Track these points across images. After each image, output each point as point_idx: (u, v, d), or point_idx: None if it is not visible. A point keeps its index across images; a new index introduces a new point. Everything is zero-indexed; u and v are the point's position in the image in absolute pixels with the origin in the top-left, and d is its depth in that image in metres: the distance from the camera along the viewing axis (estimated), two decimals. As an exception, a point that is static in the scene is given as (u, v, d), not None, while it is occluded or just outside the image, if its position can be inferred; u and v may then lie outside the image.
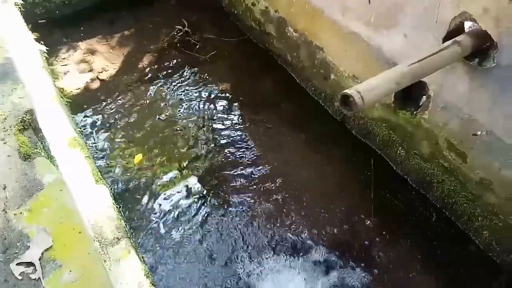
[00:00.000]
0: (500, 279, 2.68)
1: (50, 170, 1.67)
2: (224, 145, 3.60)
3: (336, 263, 2.79)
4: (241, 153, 3.54)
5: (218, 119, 3.81)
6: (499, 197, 2.60)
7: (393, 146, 3.27)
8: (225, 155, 3.53)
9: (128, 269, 2.06)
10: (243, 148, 3.59)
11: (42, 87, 2.95)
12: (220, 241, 2.93)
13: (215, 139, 3.65)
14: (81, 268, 1.28)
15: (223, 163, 3.45)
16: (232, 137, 3.67)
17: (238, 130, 3.72)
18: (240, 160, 3.48)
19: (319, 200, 3.16)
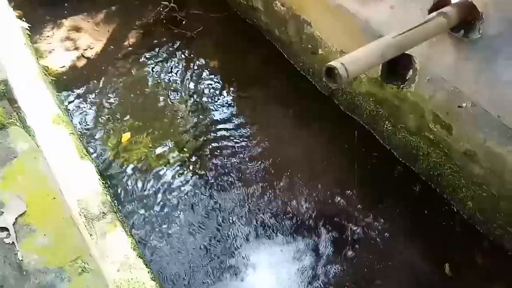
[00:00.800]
0: (483, 248, 2.74)
1: (24, 139, 1.65)
2: (212, 121, 3.58)
3: (322, 234, 2.83)
4: (230, 130, 3.54)
5: (206, 96, 3.79)
6: (483, 168, 2.64)
7: (380, 120, 3.27)
8: (213, 131, 3.52)
9: (114, 243, 2.07)
10: (231, 124, 3.58)
11: (25, 64, 2.90)
12: (208, 215, 2.95)
13: (203, 116, 3.63)
14: (55, 232, 1.29)
15: (211, 139, 3.44)
16: (220, 114, 3.66)
17: (226, 107, 3.71)
18: (228, 136, 3.47)
19: (307, 174, 3.18)
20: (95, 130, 3.48)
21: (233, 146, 3.39)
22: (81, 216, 2.10)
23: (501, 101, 2.38)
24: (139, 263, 2.05)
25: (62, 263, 1.20)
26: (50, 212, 1.32)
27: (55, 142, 2.39)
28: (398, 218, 2.91)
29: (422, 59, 2.71)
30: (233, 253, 2.75)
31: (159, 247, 2.76)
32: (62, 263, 1.19)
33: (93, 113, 3.62)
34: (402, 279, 2.66)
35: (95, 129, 3.48)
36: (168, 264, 2.69)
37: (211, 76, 3.96)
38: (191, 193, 3.09)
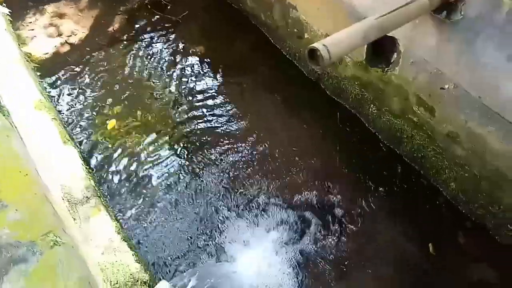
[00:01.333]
0: (466, 228, 2.79)
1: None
2: (199, 108, 3.57)
3: (307, 216, 2.86)
4: (217, 116, 3.53)
5: (192, 82, 3.77)
6: (465, 149, 2.67)
7: (365, 104, 3.29)
8: (200, 118, 3.51)
9: (98, 226, 2.07)
10: (218, 111, 3.57)
11: (5, 50, 2.85)
12: (196, 200, 2.96)
13: (189, 102, 3.62)
14: (27, 208, 1.29)
15: (198, 126, 3.43)
16: (207, 101, 3.65)
17: (213, 93, 3.70)
18: (215, 123, 3.47)
19: (293, 158, 3.19)
20: (80, 116, 3.45)
21: (220, 132, 3.39)
22: (64, 201, 2.10)
23: (481, 82, 2.41)
24: (124, 246, 2.06)
25: (34, 237, 1.20)
26: (22, 189, 1.31)
27: (37, 127, 2.37)
28: (383, 200, 2.95)
29: (405, 41, 2.72)
30: (220, 235, 2.77)
31: (145, 230, 2.77)
32: (34, 237, 1.20)
33: (78, 99, 3.58)
34: (387, 259, 2.70)
35: (80, 116, 3.45)
36: (155, 248, 2.71)
37: (197, 62, 3.93)
38: (177, 179, 3.09)
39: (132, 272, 1.97)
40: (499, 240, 2.69)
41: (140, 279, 1.95)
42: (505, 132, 2.42)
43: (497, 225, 2.66)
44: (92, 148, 3.21)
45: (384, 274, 2.63)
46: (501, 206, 2.59)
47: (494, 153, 2.52)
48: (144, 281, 1.96)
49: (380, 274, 2.63)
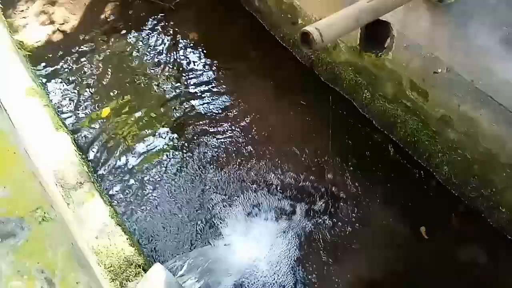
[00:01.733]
0: (458, 210, 2.81)
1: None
2: (192, 94, 3.57)
3: (301, 200, 2.88)
4: (210, 102, 3.53)
5: (186, 68, 3.75)
6: (458, 132, 2.69)
7: (359, 90, 3.29)
8: (194, 103, 3.51)
9: (92, 211, 2.08)
10: (212, 96, 3.57)
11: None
12: (189, 184, 2.97)
13: (183, 88, 3.61)
14: (15, 185, 1.29)
15: (192, 111, 3.43)
16: (201, 86, 3.64)
17: (207, 79, 3.69)
18: (209, 108, 3.46)
19: (287, 144, 3.20)
20: (73, 104, 3.44)
21: (214, 118, 3.39)
22: (57, 186, 2.10)
23: (474, 65, 2.42)
24: (118, 230, 2.07)
25: (22, 213, 1.21)
26: (10, 166, 1.31)
27: (29, 113, 2.36)
28: (377, 184, 2.97)
29: (399, 26, 2.72)
30: (212, 218, 2.79)
31: (140, 214, 2.78)
32: (22, 214, 1.21)
33: (71, 87, 3.57)
34: (380, 243, 2.73)
35: (73, 103, 3.44)
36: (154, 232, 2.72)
37: (191, 48, 3.91)
38: (171, 164, 3.10)
39: (127, 255, 1.98)
40: (491, 223, 2.72)
41: (135, 262, 1.97)
42: (497, 115, 2.43)
43: (490, 208, 2.69)
44: (86, 135, 3.20)
45: (377, 257, 2.66)
46: (493, 189, 2.62)
47: (486, 136, 2.54)
48: (139, 264, 1.97)
49: (373, 257, 2.66)
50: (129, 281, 1.90)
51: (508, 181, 2.52)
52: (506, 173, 2.51)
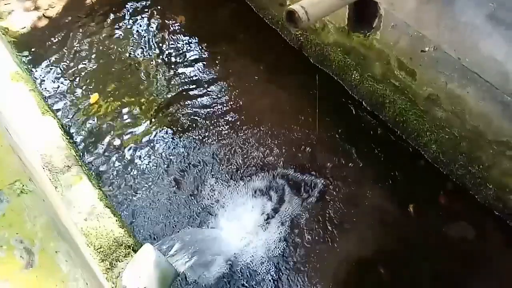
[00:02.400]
0: (446, 188, 2.84)
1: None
2: (181, 78, 3.54)
3: (291, 181, 2.90)
4: (199, 86, 3.51)
5: (174, 52, 3.72)
6: (446, 111, 2.70)
7: (348, 71, 3.29)
8: (183, 88, 3.49)
9: (80, 194, 2.08)
10: (201, 80, 3.55)
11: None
12: (181, 167, 2.97)
13: (171, 72, 3.59)
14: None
15: (180, 95, 3.42)
16: (189, 70, 3.62)
17: (195, 63, 3.66)
18: (198, 92, 3.45)
19: (277, 126, 3.20)
20: (61, 90, 3.40)
21: (203, 102, 3.38)
22: (45, 170, 2.09)
23: (461, 43, 2.42)
24: (107, 212, 2.07)
25: (0, 186, 1.21)
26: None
27: (14, 98, 2.34)
28: (366, 165, 2.98)
29: (386, 5, 2.71)
30: (204, 198, 2.80)
31: (130, 197, 2.79)
32: (0, 186, 1.21)
33: (58, 73, 3.53)
34: (369, 222, 2.75)
35: (61, 89, 3.41)
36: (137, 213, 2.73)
37: (179, 32, 3.88)
38: (162, 148, 3.09)
39: (116, 237, 1.99)
40: (479, 199, 2.75)
41: (124, 243, 1.98)
42: (484, 92, 2.45)
43: (477, 184, 2.72)
44: (74, 120, 3.18)
45: (366, 237, 2.68)
46: (480, 166, 2.65)
47: (473, 113, 2.56)
48: (128, 245, 1.98)
49: (363, 237, 2.69)
50: (119, 262, 1.91)
51: (495, 158, 2.55)
52: (493, 150, 2.54)
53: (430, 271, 2.54)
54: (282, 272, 2.52)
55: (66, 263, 1.14)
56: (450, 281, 2.49)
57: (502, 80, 2.33)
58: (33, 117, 2.34)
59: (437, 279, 2.50)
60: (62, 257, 1.14)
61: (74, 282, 1.11)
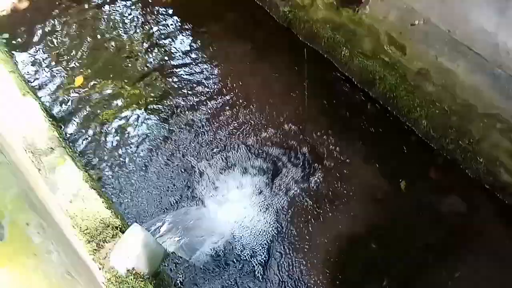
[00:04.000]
0: (437, 163, 2.83)
1: None
2: (168, 60, 3.47)
3: (282, 161, 2.87)
4: (187, 67, 3.44)
5: (160, 33, 3.64)
6: (436, 85, 2.68)
7: (338, 47, 3.24)
8: (170, 70, 3.41)
9: (65, 176, 2.03)
10: (188, 61, 3.48)
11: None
12: (167, 146, 2.92)
13: (157, 54, 3.50)
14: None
15: (168, 78, 3.34)
16: (175, 51, 3.54)
17: (182, 44, 3.58)
18: (186, 74, 3.38)
19: (267, 105, 3.16)
20: (45, 72, 3.32)
21: (191, 83, 3.31)
22: (27, 152, 2.03)
23: (451, 15, 2.38)
24: (92, 194, 2.03)
25: None
26: None
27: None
28: (357, 142, 2.96)
29: (375, -23, 2.65)
30: (193, 181, 2.76)
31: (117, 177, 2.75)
32: None
33: (41, 55, 3.43)
34: (361, 199, 2.74)
35: (44, 72, 3.32)
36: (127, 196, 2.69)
37: (164, 12, 3.78)
38: (148, 128, 3.03)
39: (103, 218, 1.95)
40: (469, 173, 2.75)
41: (111, 224, 1.94)
42: (474, 65, 2.42)
43: (468, 158, 2.71)
44: (59, 103, 3.10)
45: (358, 213, 2.68)
46: (471, 140, 2.64)
47: (464, 86, 2.53)
48: (116, 226, 1.95)
49: (355, 213, 2.68)
50: (106, 243, 1.88)
51: (485, 131, 2.54)
52: (483, 123, 2.52)
53: (422, 245, 2.54)
54: (274, 250, 2.51)
55: (38, 235, 1.10)
56: (441, 255, 2.50)
57: (492, 52, 2.30)
58: (13, 99, 2.26)
59: (428, 253, 2.50)
60: (34, 229, 1.09)
61: (47, 254, 1.07)
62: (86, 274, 1.48)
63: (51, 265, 1.05)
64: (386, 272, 2.44)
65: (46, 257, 1.06)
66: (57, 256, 1.10)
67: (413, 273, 2.44)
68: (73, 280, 1.10)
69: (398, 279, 2.42)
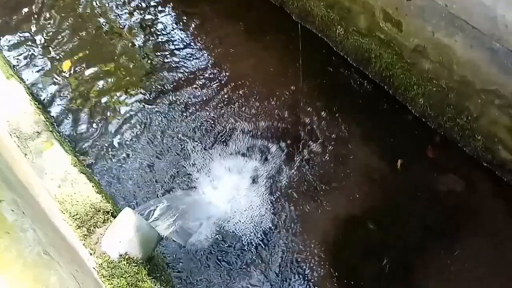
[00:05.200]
0: (435, 142, 2.79)
1: None
2: (158, 42, 3.37)
3: (278, 143, 2.81)
4: (179, 50, 3.35)
5: (150, 15, 3.53)
6: (433, 62, 2.62)
7: (332, 26, 3.16)
8: (161, 53, 3.32)
9: (52, 160, 1.96)
10: (179, 44, 3.38)
11: None
12: (165, 136, 2.85)
13: (147, 37, 3.41)
14: None
15: (159, 62, 3.25)
16: (166, 34, 3.44)
17: (173, 25, 3.48)
18: (177, 57, 3.29)
19: (261, 88, 3.08)
20: (31, 56, 3.22)
21: (183, 67, 3.23)
22: (12, 137, 1.96)
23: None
24: (82, 178, 1.96)
25: None
26: None
27: (-26, 62, 2.18)
28: (352, 123, 2.91)
29: (369, -50, 2.56)
30: (187, 165, 2.70)
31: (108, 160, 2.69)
32: None
33: (27, 39, 3.33)
34: (357, 180, 2.70)
35: (31, 56, 3.22)
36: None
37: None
38: (140, 116, 2.96)
39: (93, 203, 1.89)
40: (467, 151, 2.72)
41: (102, 209, 1.88)
42: (471, 40, 2.36)
43: (465, 136, 2.67)
44: (45, 87, 3.02)
45: (355, 194, 2.64)
46: (468, 117, 2.59)
47: (461, 62, 2.48)
48: (107, 211, 1.89)
49: (351, 194, 2.64)
50: (97, 228, 1.82)
51: (483, 107, 2.49)
52: (481, 99, 2.48)
53: (419, 225, 2.52)
54: (270, 233, 2.47)
55: (12, 213, 1.04)
56: (439, 235, 2.48)
57: (490, 26, 2.24)
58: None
59: (426, 233, 2.48)
60: (7, 206, 1.03)
61: (21, 233, 1.01)
62: (70, 256, 1.42)
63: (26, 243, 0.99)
64: (384, 252, 2.41)
65: (21, 235, 1.00)
66: (33, 234, 1.04)
67: (412, 253, 2.42)
68: (52, 260, 1.05)
69: (397, 259, 2.40)
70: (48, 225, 1.34)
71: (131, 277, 1.70)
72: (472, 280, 2.35)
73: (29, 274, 0.96)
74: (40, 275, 0.97)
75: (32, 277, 0.96)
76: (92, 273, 1.61)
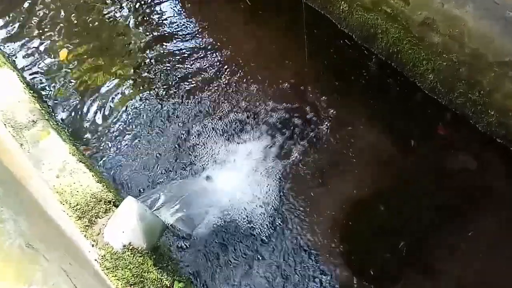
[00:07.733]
0: (446, 119, 2.69)
1: None
2: (155, 28, 3.28)
3: (285, 126, 2.72)
4: (179, 35, 3.25)
5: (148, 4, 3.42)
6: (443, 35, 2.50)
7: (335, 2, 3.04)
8: (162, 38, 3.23)
9: (49, 150, 1.89)
10: (180, 29, 3.29)
11: None
12: (168, 119, 2.77)
13: (145, 24, 3.31)
14: None
15: (160, 47, 3.17)
16: (167, 19, 3.35)
17: (173, 10, 3.38)
18: (179, 42, 3.20)
19: (264, 69, 2.99)
20: (26, 45, 3.13)
21: (182, 52, 3.13)
22: (7, 127, 1.89)
23: (459, -46, 2.19)
24: (81, 167, 1.89)
25: None
26: None
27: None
28: (359, 102, 2.81)
29: None
30: (191, 151, 2.62)
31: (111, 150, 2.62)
32: None
33: (22, 28, 3.24)
34: (367, 160, 2.61)
35: (26, 45, 3.13)
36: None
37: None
38: (142, 104, 2.87)
39: (94, 192, 1.82)
40: (480, 128, 2.62)
41: (104, 198, 1.81)
42: (483, 10, 2.25)
43: (478, 112, 2.57)
44: (41, 76, 2.94)
45: (364, 176, 2.55)
46: (481, 92, 2.49)
47: (472, 34, 2.36)
48: (109, 200, 1.82)
49: (361, 176, 2.56)
50: (99, 218, 1.75)
51: (496, 80, 2.38)
52: (494, 72, 2.37)
53: (431, 206, 2.43)
54: (278, 218, 2.39)
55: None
56: (451, 215, 2.39)
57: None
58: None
59: (438, 213, 2.40)
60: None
61: (0, 224, 0.93)
62: (64, 249, 1.35)
63: (6, 236, 0.92)
64: (395, 234, 2.33)
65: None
66: (14, 226, 0.97)
67: (425, 235, 2.34)
68: (36, 254, 0.98)
69: (408, 240, 2.32)
70: (40, 217, 1.27)
71: (136, 268, 1.63)
72: (486, 261, 2.27)
73: (10, 269, 0.88)
74: (23, 270, 0.90)
75: (13, 273, 0.88)
76: (93, 266, 1.55)
